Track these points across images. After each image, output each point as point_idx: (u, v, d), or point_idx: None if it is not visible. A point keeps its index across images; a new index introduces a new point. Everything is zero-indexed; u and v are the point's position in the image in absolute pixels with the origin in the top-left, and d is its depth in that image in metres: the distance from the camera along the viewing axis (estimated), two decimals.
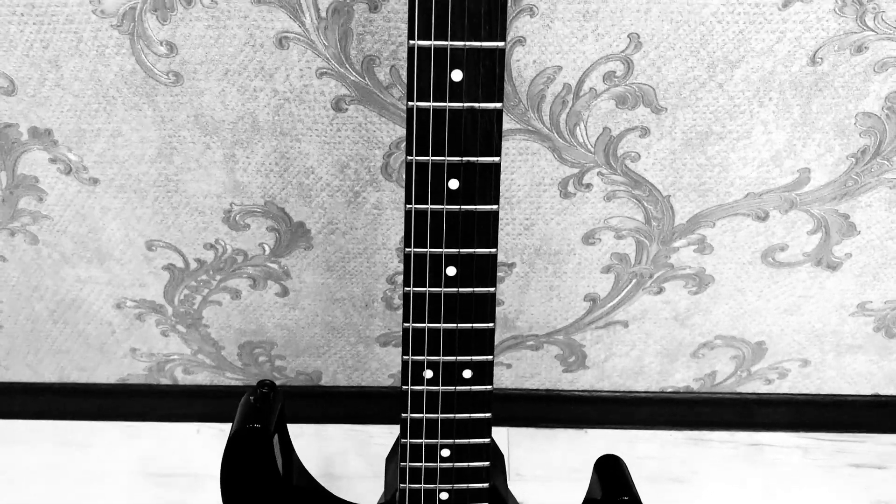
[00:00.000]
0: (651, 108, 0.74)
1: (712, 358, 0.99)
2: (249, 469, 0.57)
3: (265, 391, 0.57)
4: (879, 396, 1.03)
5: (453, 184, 0.48)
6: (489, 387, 0.53)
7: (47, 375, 1.04)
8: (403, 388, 0.52)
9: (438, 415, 0.54)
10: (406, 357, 0.51)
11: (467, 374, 0.52)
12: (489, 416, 0.54)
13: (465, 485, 0.57)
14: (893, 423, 1.04)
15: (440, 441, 0.54)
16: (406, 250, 0.50)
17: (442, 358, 0.52)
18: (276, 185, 0.81)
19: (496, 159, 0.48)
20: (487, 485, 0.57)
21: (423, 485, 0.57)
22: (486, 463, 0.56)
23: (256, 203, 0.83)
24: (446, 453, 0.55)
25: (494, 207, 0.49)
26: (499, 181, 0.49)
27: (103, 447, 1.04)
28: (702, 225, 0.83)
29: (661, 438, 1.05)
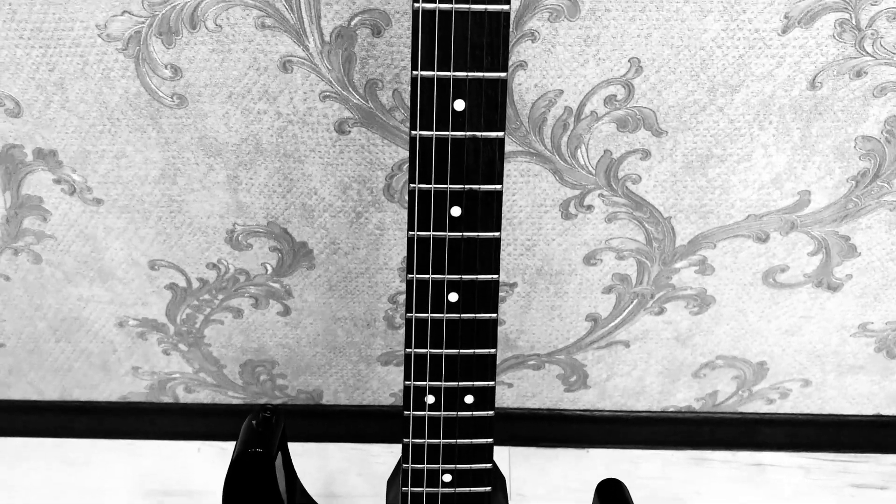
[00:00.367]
0: (652, 132, 0.74)
1: (714, 378, 0.99)
2: (252, 493, 0.57)
3: (267, 415, 0.57)
4: (881, 416, 1.03)
5: (455, 211, 0.49)
6: (491, 412, 0.53)
7: (49, 393, 1.04)
8: (405, 414, 0.52)
9: (440, 440, 0.54)
10: (408, 382, 0.52)
11: (469, 400, 0.52)
12: (491, 442, 0.54)
13: None
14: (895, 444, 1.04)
15: (441, 466, 0.54)
16: (408, 276, 0.50)
17: (444, 383, 0.52)
18: (279, 206, 0.82)
19: (498, 187, 0.48)
20: None
21: None
22: (488, 488, 0.56)
23: (259, 223, 0.83)
24: (448, 478, 0.55)
25: (496, 234, 0.49)
26: (500, 209, 0.49)
27: (104, 465, 1.04)
28: (703, 246, 0.84)
29: (663, 458, 1.05)
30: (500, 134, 0.47)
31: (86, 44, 0.69)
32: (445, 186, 0.48)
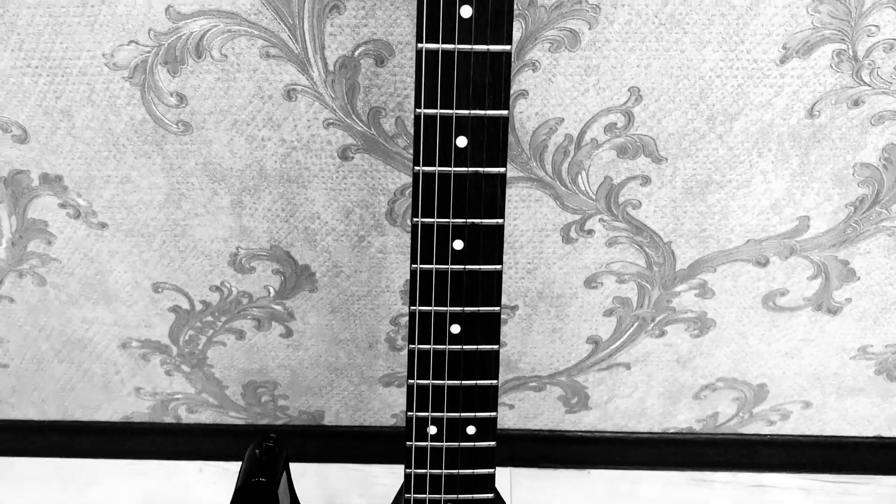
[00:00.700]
0: (651, 158, 0.75)
1: (714, 399, 0.99)
2: None
3: (270, 444, 0.58)
4: (882, 438, 1.03)
5: (458, 244, 0.49)
6: (493, 443, 0.53)
7: (52, 413, 1.05)
8: (407, 444, 0.53)
9: (442, 470, 0.54)
10: (410, 413, 0.52)
11: (471, 431, 0.53)
12: (493, 472, 0.54)
13: None
14: None
15: (444, 497, 0.55)
16: (411, 308, 0.50)
17: (446, 414, 0.52)
18: (283, 230, 0.82)
19: (500, 221, 0.49)
20: None
21: None
22: None
23: (262, 247, 0.84)
24: None
25: (498, 267, 0.50)
26: (502, 242, 0.50)
27: (106, 485, 1.04)
28: (703, 270, 0.84)
29: (664, 479, 1.05)
30: (502, 169, 0.48)
31: (92, 72, 0.70)
32: (448, 220, 0.49)
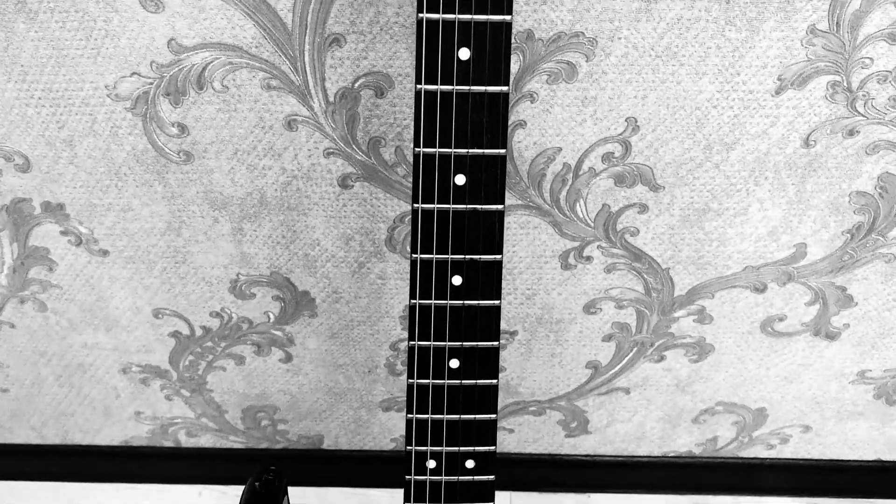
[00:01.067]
0: (649, 187, 0.75)
1: (714, 423, 0.99)
2: None
3: (270, 477, 0.58)
4: (882, 462, 1.03)
5: (456, 280, 0.50)
6: (492, 476, 0.53)
7: (51, 437, 1.05)
8: (406, 479, 0.53)
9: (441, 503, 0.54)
10: (409, 447, 0.52)
11: (470, 465, 0.53)
12: None
13: None
14: None
15: None
16: (410, 343, 0.51)
17: (445, 448, 0.53)
18: (283, 257, 0.83)
19: (498, 257, 0.50)
20: None
21: None
22: None
23: (262, 273, 0.84)
24: None
25: (497, 302, 0.50)
26: (501, 278, 0.50)
27: None
28: (701, 296, 0.85)
29: (664, 503, 1.05)
30: (500, 206, 0.48)
31: (95, 103, 0.71)
32: (447, 257, 0.49)
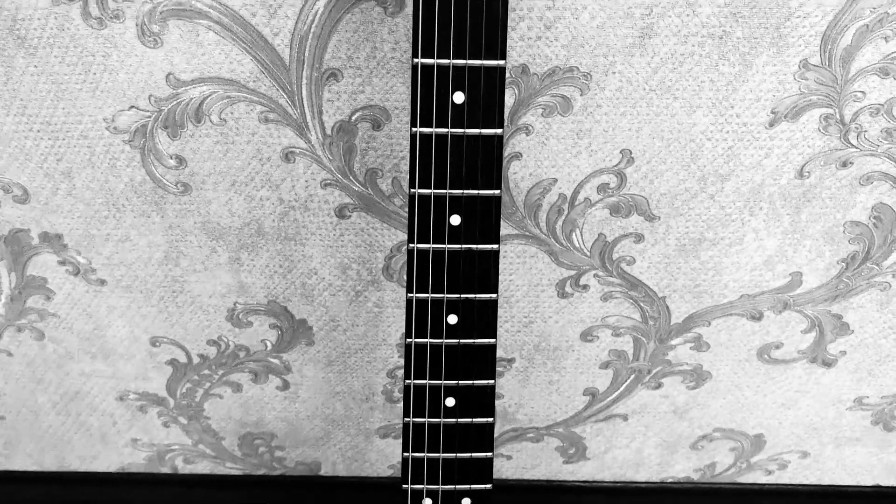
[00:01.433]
0: (644, 217, 0.76)
1: (712, 449, 0.99)
2: None
3: None
4: (880, 487, 1.03)
5: (452, 319, 0.50)
6: None
7: (47, 464, 1.04)
8: None
9: None
10: (405, 486, 0.52)
11: (466, 503, 0.53)
12: None
13: None
14: None
15: None
16: (406, 382, 0.51)
17: (441, 487, 0.53)
18: (280, 286, 0.83)
19: (493, 296, 0.50)
20: None
21: None
22: None
23: (260, 302, 0.84)
24: None
25: (492, 341, 0.51)
26: (496, 316, 0.50)
27: None
28: (698, 324, 0.85)
29: None
30: (495, 246, 0.49)
31: (93, 136, 0.71)
32: (442, 296, 0.49)
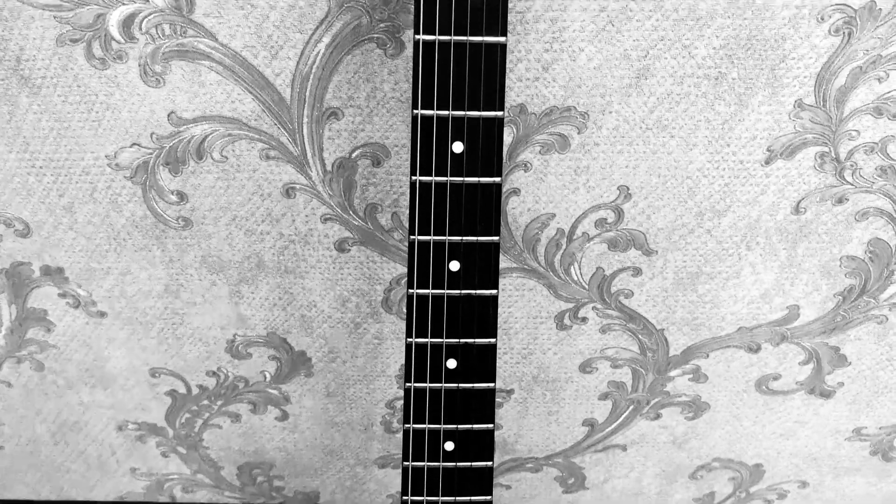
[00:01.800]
0: (642, 251, 0.76)
1: (711, 479, 0.99)
2: None
3: None
4: None
5: (451, 363, 0.50)
6: None
7: (46, 493, 1.04)
8: None
9: None
10: None
11: None
12: None
13: None
14: None
15: None
16: (405, 426, 0.51)
17: None
18: (279, 318, 0.83)
19: (492, 340, 0.50)
20: None
21: None
22: None
23: (259, 334, 0.85)
24: None
25: (491, 385, 0.51)
26: (495, 360, 0.51)
27: None
28: (696, 356, 0.85)
29: None
30: (494, 291, 0.49)
31: (95, 172, 0.72)
32: (441, 340, 0.50)
